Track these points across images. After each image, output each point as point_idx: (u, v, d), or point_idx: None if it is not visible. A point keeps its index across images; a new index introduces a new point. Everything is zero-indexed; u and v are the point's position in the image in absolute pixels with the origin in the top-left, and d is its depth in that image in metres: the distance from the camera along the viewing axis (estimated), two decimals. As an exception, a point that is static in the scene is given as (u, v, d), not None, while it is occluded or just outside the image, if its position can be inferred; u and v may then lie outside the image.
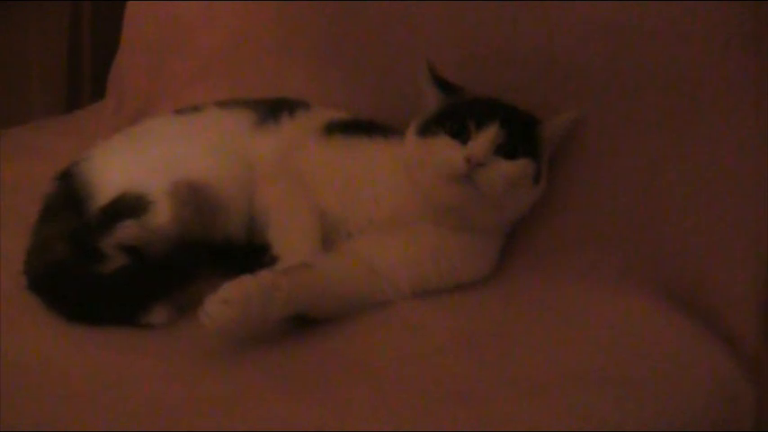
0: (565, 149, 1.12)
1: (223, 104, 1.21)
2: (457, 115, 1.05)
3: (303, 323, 0.98)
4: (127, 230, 1.04)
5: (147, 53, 1.51)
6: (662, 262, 1.04)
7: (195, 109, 1.21)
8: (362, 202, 1.09)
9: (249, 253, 1.08)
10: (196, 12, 1.46)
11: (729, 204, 1.02)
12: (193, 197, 1.07)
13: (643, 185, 1.07)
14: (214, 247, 1.07)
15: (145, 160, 1.11)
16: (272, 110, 1.18)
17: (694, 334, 0.97)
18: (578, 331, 0.98)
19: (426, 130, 1.07)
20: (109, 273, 1.01)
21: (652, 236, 1.05)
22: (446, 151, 1.03)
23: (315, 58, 1.34)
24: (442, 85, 1.11)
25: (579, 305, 1.03)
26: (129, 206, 1.05)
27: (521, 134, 1.05)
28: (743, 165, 1.02)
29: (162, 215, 1.05)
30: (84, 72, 1.75)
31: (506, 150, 1.03)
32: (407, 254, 1.06)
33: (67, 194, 1.10)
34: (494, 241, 1.11)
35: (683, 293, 1.01)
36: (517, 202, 1.08)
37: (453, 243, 1.07)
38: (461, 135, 1.03)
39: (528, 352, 0.94)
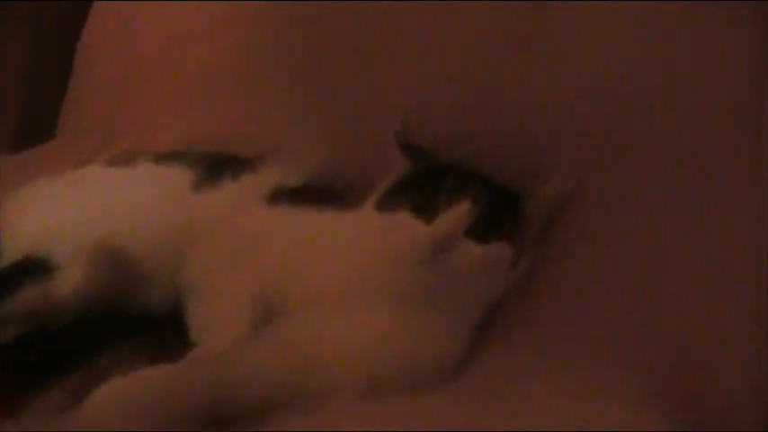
0: (554, 221, 0.97)
1: (161, 158, 1.08)
2: (424, 187, 0.91)
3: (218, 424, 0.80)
4: (28, 297, 0.91)
5: (105, 89, 1.43)
6: (658, 364, 0.88)
7: (128, 160, 1.08)
8: (307, 280, 0.93)
9: (173, 325, 0.93)
10: (159, 45, 1.37)
11: (738, 300, 0.87)
12: (108, 262, 0.94)
13: (642, 274, 0.92)
14: (130, 320, 0.94)
15: (61, 215, 0.99)
16: (214, 169, 1.05)
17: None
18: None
19: (388, 201, 0.92)
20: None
21: (650, 333, 0.90)
22: (409, 230, 0.88)
23: (285, 101, 1.24)
24: (413, 148, 0.97)
25: (559, 410, 0.84)
26: (34, 269, 0.93)
27: (497, 212, 0.90)
28: (759, 255, 0.87)
29: (70, 282, 0.92)
30: (40, 106, 1.63)
31: (479, 231, 0.88)
32: (356, 339, 0.89)
33: None
34: (462, 325, 0.93)
35: (681, 402, 0.85)
36: (488, 289, 0.92)
37: (413, 327, 0.90)
38: (428, 211, 0.88)
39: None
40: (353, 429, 0.81)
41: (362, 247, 0.92)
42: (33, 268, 0.92)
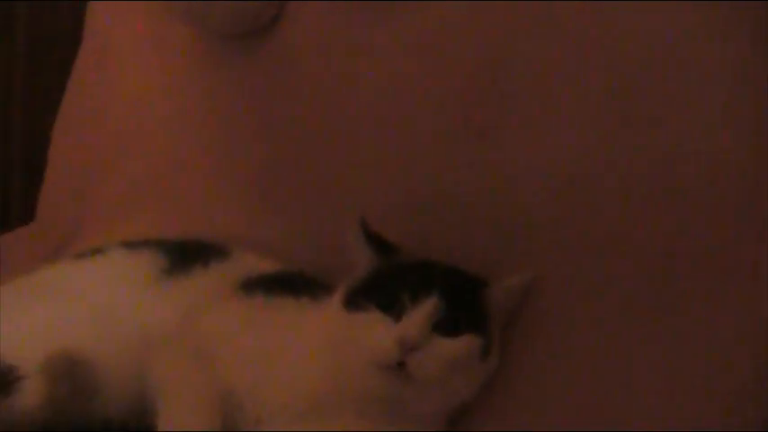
0: (519, 315, 0.94)
1: (131, 245, 1.06)
2: (389, 285, 0.89)
3: None
4: None
5: (72, 176, 1.41)
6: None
7: (98, 251, 1.07)
8: (277, 383, 0.91)
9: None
10: (123, 133, 1.35)
11: (703, 400, 0.83)
12: (70, 373, 0.92)
13: (606, 367, 0.89)
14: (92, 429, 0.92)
15: (23, 325, 0.96)
16: (185, 257, 1.03)
17: None
18: None
19: (353, 301, 0.90)
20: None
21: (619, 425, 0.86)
22: (375, 331, 0.86)
23: (247, 195, 1.21)
24: (376, 243, 0.95)
25: None
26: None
27: (464, 304, 0.89)
28: (723, 357, 0.83)
29: (31, 395, 0.90)
30: (13, 192, 1.62)
31: (447, 325, 0.86)
32: None
33: None
34: (433, 429, 0.91)
35: None
36: (461, 384, 0.89)
37: None
38: (393, 309, 0.87)
39: None
40: None
41: (332, 349, 0.90)
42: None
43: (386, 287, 0.88)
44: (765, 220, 0.84)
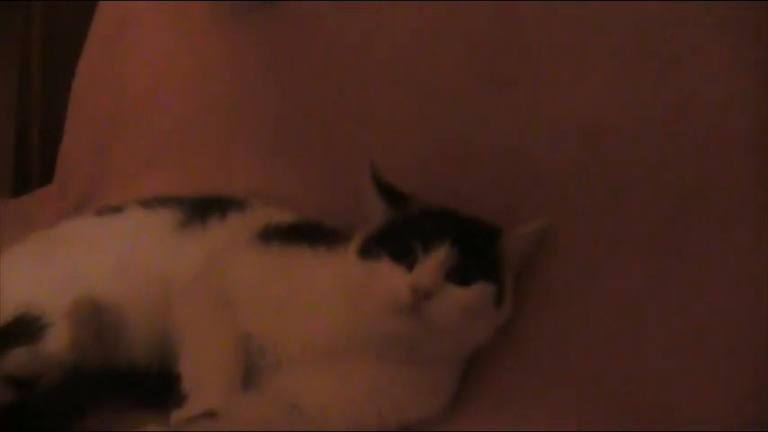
0: (535, 265, 0.95)
1: (147, 203, 1.07)
2: (402, 234, 0.90)
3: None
4: (16, 360, 0.91)
5: (92, 136, 1.42)
6: (640, 413, 0.86)
7: (116, 209, 1.08)
8: (295, 327, 0.93)
9: (161, 379, 0.93)
10: (142, 94, 1.36)
11: (719, 351, 0.84)
12: (95, 318, 0.94)
13: (622, 318, 0.90)
14: (119, 374, 0.94)
15: (48, 274, 0.98)
16: (201, 210, 1.04)
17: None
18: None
19: (368, 250, 0.91)
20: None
21: (630, 381, 0.88)
22: (389, 279, 0.87)
23: (264, 147, 1.22)
24: (389, 194, 0.95)
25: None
26: (24, 329, 0.92)
27: (477, 252, 0.89)
28: (738, 304, 0.84)
29: (58, 341, 0.92)
30: (32, 153, 1.64)
31: (460, 273, 0.88)
32: (343, 391, 0.90)
33: None
34: (448, 374, 0.94)
35: None
36: (475, 330, 0.91)
37: (398, 378, 0.90)
38: (407, 258, 0.88)
39: None
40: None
41: (348, 295, 0.92)
42: (25, 328, 0.92)
43: (399, 236, 0.89)
44: None
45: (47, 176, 1.57)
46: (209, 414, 0.84)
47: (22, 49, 1.68)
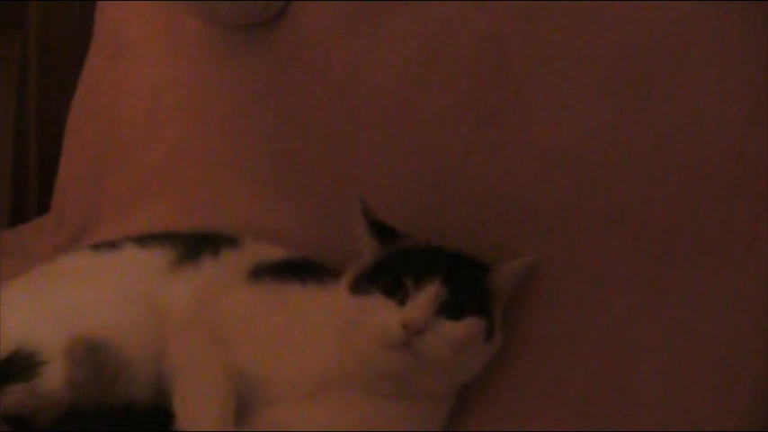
0: (525, 298, 0.97)
1: (142, 240, 1.09)
2: (393, 269, 0.91)
3: None
4: (12, 398, 0.91)
5: (87, 166, 1.43)
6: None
7: (112, 245, 1.09)
8: (287, 363, 0.94)
9: (156, 416, 0.94)
10: (135, 124, 1.37)
11: (710, 383, 0.86)
12: (91, 356, 0.94)
13: (611, 348, 0.91)
14: (115, 413, 0.94)
15: (44, 311, 0.99)
16: (195, 247, 1.06)
17: None
18: None
19: (359, 286, 0.92)
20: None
21: (620, 412, 0.89)
22: (381, 314, 0.88)
23: (257, 179, 1.23)
24: (379, 230, 0.97)
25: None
26: (20, 367, 0.93)
27: (467, 287, 0.91)
28: (726, 335, 0.86)
29: (54, 379, 0.92)
30: (30, 183, 1.65)
31: (451, 308, 0.89)
32: (335, 427, 0.91)
33: None
34: (440, 407, 0.95)
35: None
36: (466, 364, 0.92)
37: (390, 413, 0.92)
38: (398, 294, 0.89)
39: None
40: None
41: (340, 331, 0.93)
42: (21, 365, 0.92)
43: (390, 272, 0.90)
44: (762, 195, 0.86)
45: (44, 205, 1.58)
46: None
47: (19, 75, 1.69)
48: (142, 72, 1.39)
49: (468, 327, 0.89)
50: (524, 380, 0.96)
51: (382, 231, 0.97)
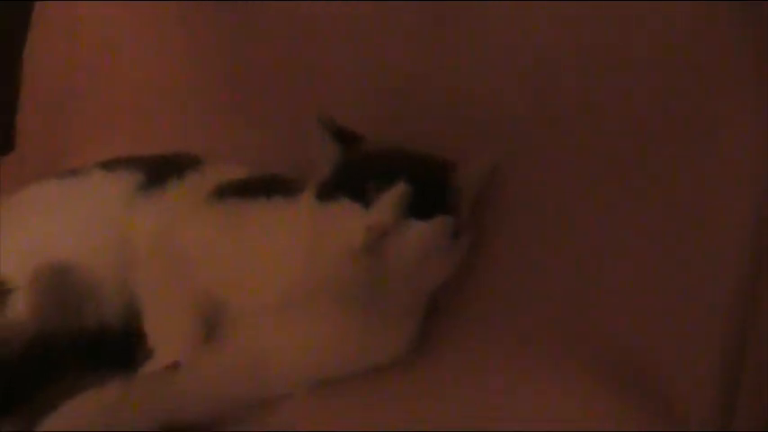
0: (494, 198, 0.96)
1: (108, 165, 1.07)
2: (356, 174, 0.90)
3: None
4: None
5: (48, 104, 1.39)
6: (607, 338, 0.88)
7: (78, 172, 1.07)
8: (254, 281, 0.93)
9: (129, 340, 0.94)
10: (97, 62, 1.33)
11: (686, 277, 0.86)
12: (58, 281, 0.94)
13: (587, 246, 0.92)
14: (84, 336, 0.94)
15: (10, 240, 0.97)
16: (160, 171, 1.04)
17: (641, 425, 0.81)
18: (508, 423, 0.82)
19: (324, 193, 0.91)
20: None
21: (594, 308, 0.90)
22: (345, 219, 0.88)
23: (219, 110, 1.22)
24: (340, 136, 0.95)
25: (509, 393, 0.86)
26: None
27: (433, 186, 0.90)
28: (705, 229, 0.86)
29: (22, 307, 0.92)
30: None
31: (417, 209, 0.88)
32: (304, 340, 0.91)
33: None
34: (411, 315, 0.95)
35: (630, 377, 0.86)
36: (437, 266, 0.92)
37: (360, 323, 0.91)
38: (364, 197, 0.88)
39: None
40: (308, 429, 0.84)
41: (306, 241, 0.92)
42: None
43: (354, 176, 0.89)
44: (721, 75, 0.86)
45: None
46: (174, 366, 0.84)
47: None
48: (101, 18, 1.35)
49: (435, 225, 0.88)
50: (493, 283, 0.96)
51: (343, 136, 0.95)
